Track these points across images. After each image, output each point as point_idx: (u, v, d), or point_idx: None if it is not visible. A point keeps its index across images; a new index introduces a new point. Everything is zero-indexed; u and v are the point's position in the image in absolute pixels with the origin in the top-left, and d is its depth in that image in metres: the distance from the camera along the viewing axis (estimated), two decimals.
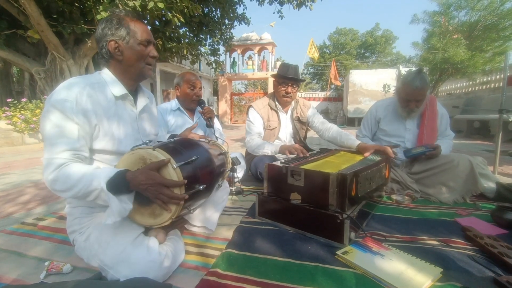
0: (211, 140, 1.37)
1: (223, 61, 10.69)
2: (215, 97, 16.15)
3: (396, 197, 1.71)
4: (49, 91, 5.66)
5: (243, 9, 9.28)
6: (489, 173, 1.76)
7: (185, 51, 6.79)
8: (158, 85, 12.72)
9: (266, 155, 2.00)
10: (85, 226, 0.97)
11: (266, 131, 2.13)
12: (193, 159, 0.95)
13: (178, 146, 1.00)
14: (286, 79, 2.02)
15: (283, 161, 1.44)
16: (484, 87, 7.84)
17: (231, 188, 1.79)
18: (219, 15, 7.50)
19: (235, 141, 5.65)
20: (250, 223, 1.35)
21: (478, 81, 8.19)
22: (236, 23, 7.99)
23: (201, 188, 0.96)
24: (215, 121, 2.02)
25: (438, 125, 1.93)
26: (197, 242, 1.17)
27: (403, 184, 1.85)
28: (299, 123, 2.22)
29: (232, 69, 14.53)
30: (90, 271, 0.95)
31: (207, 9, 7.23)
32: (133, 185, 0.82)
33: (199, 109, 1.97)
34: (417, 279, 0.86)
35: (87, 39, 5.59)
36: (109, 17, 0.98)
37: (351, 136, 1.90)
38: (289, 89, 2.04)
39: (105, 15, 3.90)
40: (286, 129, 2.20)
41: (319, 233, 1.17)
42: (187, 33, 7.02)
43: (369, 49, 28.52)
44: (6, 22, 5.31)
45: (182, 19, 4.80)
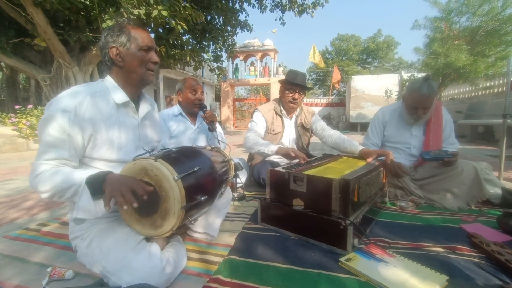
0: (214, 147, 1.38)
1: (225, 67, 10.81)
2: (218, 103, 16.26)
3: (400, 203, 1.69)
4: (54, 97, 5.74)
5: (245, 17, 9.44)
6: (494, 179, 1.74)
7: (188, 58, 6.87)
8: (161, 91, 12.85)
9: (267, 161, 2.01)
10: (87, 232, 0.98)
11: (269, 135, 2.14)
12: (195, 170, 0.95)
13: (180, 155, 0.99)
14: (294, 85, 2.05)
15: (286, 166, 1.44)
16: (487, 92, 7.80)
17: (233, 194, 1.79)
18: (221, 23, 7.61)
19: (237, 147, 5.65)
20: (252, 229, 1.34)
21: (481, 86, 8.15)
22: (238, 30, 8.10)
23: (202, 199, 0.96)
24: (217, 126, 2.03)
25: (446, 138, 1.91)
26: (199, 248, 1.16)
27: (407, 190, 1.83)
28: (303, 129, 2.23)
29: (234, 75, 14.66)
30: (92, 278, 0.94)
31: (210, 17, 7.35)
32: (108, 183, 0.79)
33: (201, 113, 1.98)
34: (423, 287, 0.85)
35: (92, 47, 5.70)
36: (112, 26, 1.01)
37: (353, 141, 1.90)
38: (296, 96, 2.06)
39: (111, 23, 3.99)
40: (289, 135, 2.21)
41: (322, 239, 1.15)
42: (190, 40, 7.13)
43: (371, 55, 28.63)
44: (13, 30, 5.45)
45: (185, 27, 4.87)
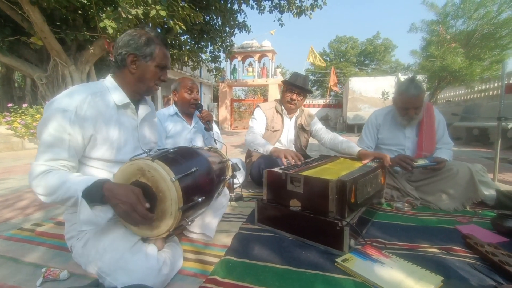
0: (211, 147, 1.37)
1: (223, 68, 10.79)
2: (215, 103, 16.24)
3: (396, 204, 1.70)
4: (51, 96, 5.70)
5: (244, 17, 9.47)
6: (489, 181, 1.76)
7: (186, 58, 6.87)
8: (159, 91, 12.82)
9: (266, 156, 2.02)
10: (83, 232, 0.97)
11: (268, 132, 2.18)
12: (193, 170, 0.94)
13: (177, 156, 0.99)
14: (293, 86, 2.10)
15: (283, 167, 1.44)
16: (482, 94, 7.90)
17: (230, 194, 1.79)
18: (220, 23, 7.62)
19: (235, 147, 5.65)
20: (249, 230, 1.34)
21: (476, 88, 8.25)
22: (236, 30, 8.11)
23: (200, 200, 0.95)
24: (213, 126, 2.04)
25: (439, 139, 1.94)
26: (196, 249, 1.16)
27: (403, 191, 1.84)
28: (302, 130, 2.26)
29: (232, 76, 14.66)
30: (87, 278, 0.94)
31: (208, 17, 7.35)
32: (107, 197, 0.81)
33: (197, 113, 1.98)
34: None
35: (89, 46, 5.66)
36: (140, 33, 1.00)
37: (351, 143, 1.92)
38: (294, 96, 2.11)
39: (108, 23, 3.97)
40: (288, 134, 2.25)
41: (319, 240, 1.16)
42: (189, 40, 7.13)
43: (369, 57, 28.83)
44: (9, 28, 5.40)
45: (183, 27, 4.87)
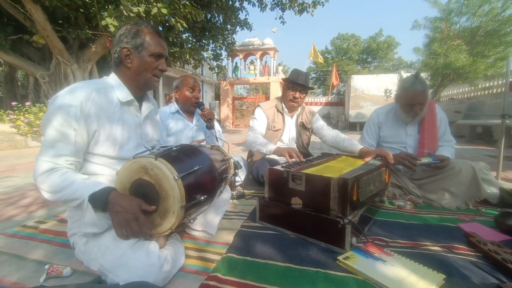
0: (213, 145, 1.37)
1: (225, 66, 10.79)
2: (217, 102, 16.24)
3: (398, 202, 1.70)
4: (53, 95, 5.64)
5: (245, 15, 9.44)
6: (492, 179, 1.75)
7: (188, 56, 6.86)
8: (160, 89, 12.83)
9: (267, 159, 2.01)
10: (89, 233, 0.97)
11: (270, 131, 2.16)
12: (195, 169, 0.95)
13: (180, 154, 0.99)
14: (295, 84, 2.08)
15: (284, 165, 1.44)
16: (486, 92, 7.83)
17: (232, 192, 1.79)
18: (221, 21, 7.60)
19: (237, 145, 5.65)
20: (251, 228, 1.34)
21: (480, 86, 8.18)
22: (238, 28, 8.08)
23: (202, 198, 0.95)
24: (215, 123, 2.03)
25: (441, 136, 1.93)
26: (198, 246, 1.16)
27: (405, 189, 1.84)
28: (304, 128, 2.24)
29: (234, 74, 14.64)
30: (90, 275, 0.94)
31: (209, 15, 7.33)
32: (111, 204, 0.82)
33: (199, 111, 1.98)
34: (420, 286, 0.85)
35: (91, 44, 5.67)
36: (129, 26, 1.01)
37: (353, 141, 1.91)
38: (297, 95, 2.10)
39: (110, 21, 3.97)
40: (289, 133, 2.23)
41: (320, 238, 1.16)
42: (190, 38, 7.11)
43: (371, 54, 28.64)
44: (12, 27, 5.41)
45: (185, 25, 4.86)
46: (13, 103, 5.48)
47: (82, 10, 5.10)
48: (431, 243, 1.17)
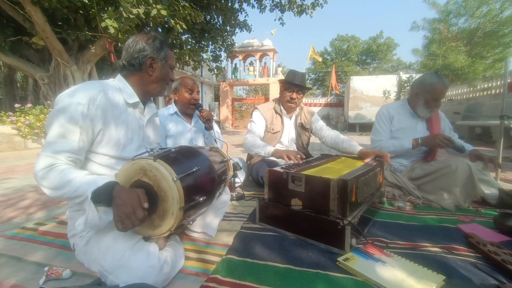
0: (212, 147, 1.37)
1: (224, 67, 10.80)
2: (217, 103, 16.24)
3: (397, 203, 1.70)
4: (53, 96, 5.72)
5: (245, 16, 9.45)
6: (491, 179, 1.76)
7: (188, 57, 6.87)
8: None
9: (266, 160, 2.01)
10: (86, 230, 0.97)
11: (269, 134, 2.15)
12: (194, 170, 0.94)
13: (179, 156, 0.99)
14: (292, 85, 2.06)
15: (284, 166, 1.44)
16: (485, 93, 7.85)
17: (232, 193, 1.79)
18: (221, 22, 7.62)
19: (236, 147, 5.65)
20: (250, 229, 1.34)
21: (478, 87, 8.21)
22: (237, 30, 8.10)
23: (201, 200, 0.95)
24: (214, 125, 2.03)
25: (442, 128, 2.03)
26: (197, 248, 1.16)
27: (405, 190, 1.84)
28: (303, 129, 2.23)
29: (233, 75, 14.66)
30: (89, 277, 0.94)
31: (209, 16, 7.34)
32: (114, 200, 0.80)
33: (197, 112, 1.98)
34: (419, 287, 0.85)
35: (90, 46, 5.68)
36: (151, 37, 1.07)
37: (352, 142, 1.91)
38: (294, 95, 2.08)
39: (110, 23, 3.98)
40: (288, 134, 2.22)
41: (320, 239, 1.16)
42: (190, 40, 7.12)
43: (370, 56, 28.72)
44: (11, 29, 5.42)
45: (184, 26, 4.87)
46: (16, 105, 5.46)
47: (81, 11, 5.12)
48: (430, 244, 1.18)
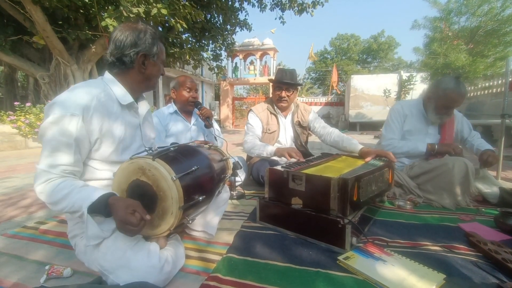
0: (212, 145, 1.37)
1: (225, 66, 10.79)
2: (217, 102, 16.25)
3: (398, 202, 1.70)
4: (53, 95, 5.73)
5: (245, 15, 9.44)
6: (492, 178, 1.75)
7: (188, 56, 6.87)
8: (160, 89, 12.83)
9: (267, 159, 2.01)
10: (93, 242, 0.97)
11: (265, 134, 2.15)
12: (193, 169, 0.94)
13: (178, 154, 0.99)
14: (280, 83, 2.06)
15: (284, 165, 1.44)
16: (486, 92, 7.83)
17: (232, 192, 1.79)
18: (221, 21, 7.60)
19: (237, 146, 5.65)
20: (251, 228, 1.34)
21: (479, 86, 8.19)
22: (238, 29, 8.09)
23: (200, 199, 0.95)
24: (213, 123, 2.04)
25: (459, 130, 1.99)
26: (198, 246, 1.16)
27: (406, 188, 1.83)
28: (300, 127, 2.22)
29: (234, 74, 14.65)
30: (90, 276, 0.94)
31: (209, 15, 7.33)
32: (112, 212, 0.80)
33: (197, 110, 1.98)
34: (420, 286, 0.85)
35: (91, 45, 5.68)
36: (143, 29, 0.99)
37: (353, 140, 1.91)
38: (283, 93, 2.07)
39: (110, 22, 3.97)
40: (286, 133, 2.21)
41: (321, 238, 1.16)
42: (190, 39, 7.12)
43: (371, 54, 28.66)
44: (12, 28, 5.42)
45: (185, 25, 4.87)
46: (16, 103, 5.47)
47: (82, 11, 5.11)
48: (431, 243, 1.17)
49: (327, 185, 1.13)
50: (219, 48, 7.98)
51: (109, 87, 0.99)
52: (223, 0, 6.84)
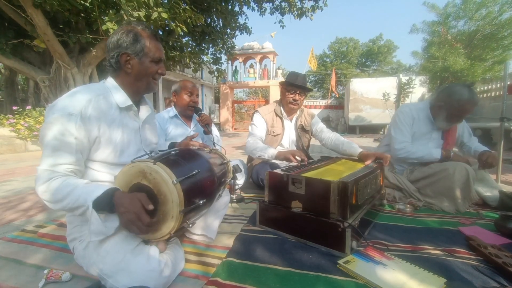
0: (212, 149, 1.37)
1: (225, 70, 10.84)
2: (217, 105, 16.29)
3: (398, 206, 1.69)
4: (53, 99, 5.72)
5: (245, 19, 9.50)
6: (492, 181, 1.75)
7: (188, 60, 6.89)
8: (160, 93, 12.86)
9: (267, 162, 2.01)
10: (85, 234, 0.97)
11: (269, 136, 2.15)
12: (194, 173, 0.94)
13: (178, 158, 0.99)
14: (294, 86, 2.06)
15: (284, 169, 1.44)
16: (484, 95, 7.87)
17: (231, 196, 1.79)
18: (221, 25, 7.65)
19: (236, 149, 5.65)
20: (251, 231, 1.34)
21: (478, 89, 8.23)
22: (238, 32, 8.13)
23: (201, 203, 0.95)
24: (213, 128, 2.04)
25: (460, 134, 2.01)
26: (197, 250, 1.16)
27: (406, 192, 1.83)
28: (303, 131, 2.24)
29: (233, 78, 14.71)
30: (89, 280, 0.94)
31: (209, 19, 7.37)
32: (117, 207, 0.80)
33: (196, 116, 1.99)
34: None
35: (91, 48, 5.70)
36: (127, 30, 0.98)
37: (353, 144, 1.91)
38: (297, 97, 2.08)
39: (111, 26, 4.00)
40: (289, 137, 2.22)
41: (321, 241, 1.15)
42: (190, 42, 7.15)
43: (370, 58, 28.82)
44: (13, 31, 5.44)
45: (185, 29, 4.89)
46: (14, 108, 5.47)
47: (82, 14, 5.14)
48: (431, 246, 1.17)
49: (327, 189, 1.13)
50: (219, 51, 8.02)
51: (108, 89, 1.00)
52: (223, 4, 6.89)
